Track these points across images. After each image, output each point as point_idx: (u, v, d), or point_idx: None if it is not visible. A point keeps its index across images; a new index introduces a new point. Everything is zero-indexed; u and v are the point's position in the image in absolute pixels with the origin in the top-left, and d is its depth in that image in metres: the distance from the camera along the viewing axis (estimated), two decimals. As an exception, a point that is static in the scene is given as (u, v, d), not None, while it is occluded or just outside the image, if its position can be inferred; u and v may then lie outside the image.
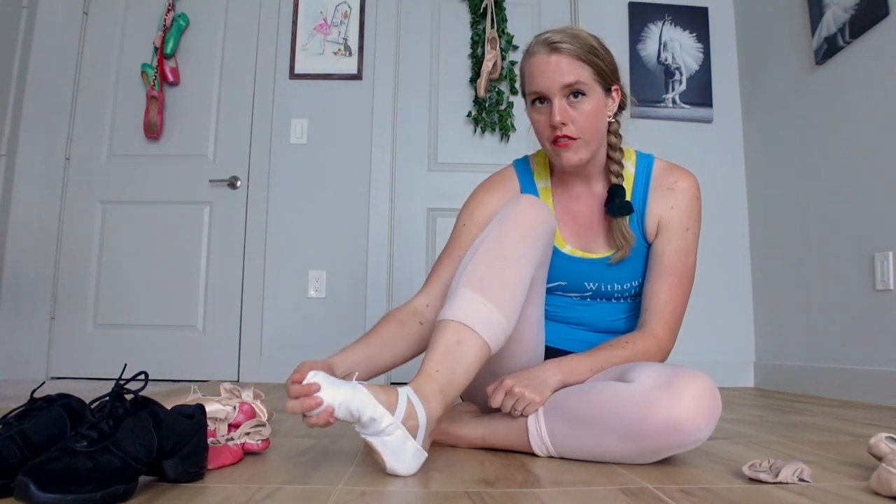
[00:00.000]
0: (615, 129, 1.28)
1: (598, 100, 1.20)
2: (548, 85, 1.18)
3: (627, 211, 1.23)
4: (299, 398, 0.91)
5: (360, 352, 1.16)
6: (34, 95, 3.14)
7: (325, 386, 0.91)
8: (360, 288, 3.04)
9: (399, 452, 0.94)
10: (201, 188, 3.13)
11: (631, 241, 1.24)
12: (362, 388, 0.93)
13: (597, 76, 1.19)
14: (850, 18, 2.40)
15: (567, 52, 1.17)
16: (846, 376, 2.40)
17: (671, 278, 1.23)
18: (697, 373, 0.99)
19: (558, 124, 1.18)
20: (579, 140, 1.19)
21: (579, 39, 1.19)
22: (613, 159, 1.27)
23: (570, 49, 1.17)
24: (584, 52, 1.18)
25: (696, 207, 1.27)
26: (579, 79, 1.17)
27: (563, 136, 1.19)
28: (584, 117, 1.18)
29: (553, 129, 1.19)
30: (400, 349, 1.21)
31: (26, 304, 3.02)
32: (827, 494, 0.87)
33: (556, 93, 1.18)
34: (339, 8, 3.22)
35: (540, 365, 1.16)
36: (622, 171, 1.27)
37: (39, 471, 0.70)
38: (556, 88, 1.17)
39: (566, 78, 1.17)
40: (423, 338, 1.22)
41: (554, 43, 1.18)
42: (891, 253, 2.22)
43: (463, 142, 3.18)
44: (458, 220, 1.34)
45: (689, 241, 1.25)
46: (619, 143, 1.28)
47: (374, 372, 1.19)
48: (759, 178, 3.08)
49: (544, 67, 1.18)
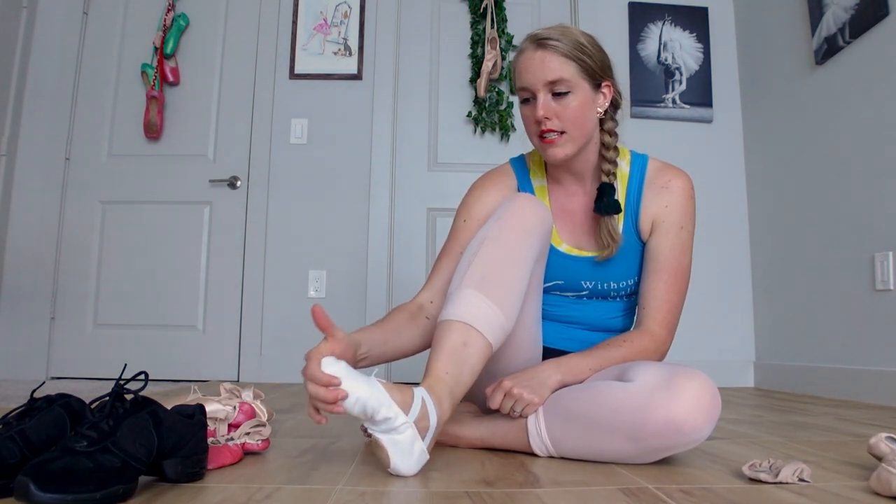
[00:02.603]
0: (610, 129, 1.28)
1: (584, 96, 1.20)
2: (532, 81, 1.20)
3: (615, 210, 1.23)
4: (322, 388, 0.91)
5: (378, 335, 1.16)
6: (34, 95, 3.14)
7: (344, 378, 0.91)
8: (360, 288, 3.04)
9: (407, 452, 0.94)
10: (201, 188, 3.13)
11: (618, 241, 1.24)
12: (379, 385, 0.93)
13: (583, 73, 1.20)
14: (850, 18, 2.40)
15: (553, 49, 1.18)
16: (846, 376, 2.40)
17: (667, 276, 1.24)
18: (697, 372, 0.99)
19: (542, 119, 1.19)
20: (565, 135, 1.20)
21: (567, 36, 1.20)
22: (606, 158, 1.27)
23: (557, 45, 1.18)
24: (571, 49, 1.19)
25: (690, 206, 1.27)
26: (563, 76, 1.18)
27: (548, 132, 1.20)
28: (569, 112, 1.19)
29: (538, 125, 1.20)
30: (410, 340, 1.22)
31: (26, 304, 3.02)
32: (827, 494, 0.87)
33: (541, 88, 1.19)
34: (339, 8, 3.22)
35: (538, 365, 1.16)
36: (616, 170, 1.28)
37: (39, 471, 0.70)
38: (540, 84, 1.19)
39: (549, 74, 1.18)
40: (430, 333, 1.22)
41: (541, 39, 1.19)
42: (891, 253, 2.22)
43: (463, 142, 3.18)
44: (457, 216, 1.34)
45: (685, 239, 1.26)
46: (615, 143, 1.28)
47: (387, 357, 1.19)
48: (759, 178, 3.08)
49: (529, 63, 1.20)
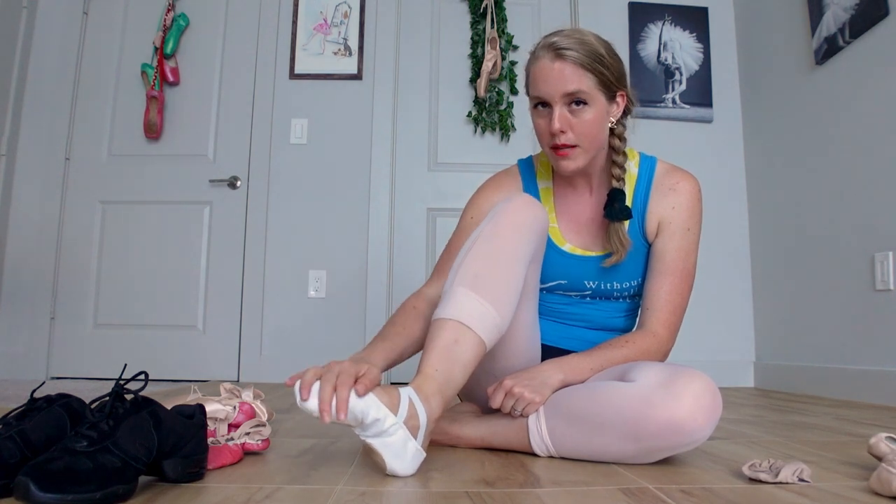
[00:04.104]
0: (620, 133, 1.28)
1: (599, 108, 1.20)
2: (549, 92, 1.18)
3: (626, 216, 1.23)
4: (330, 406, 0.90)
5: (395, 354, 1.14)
6: (34, 95, 3.14)
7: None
8: (360, 288, 3.04)
9: (400, 453, 0.94)
10: (201, 188, 3.13)
11: (627, 247, 1.24)
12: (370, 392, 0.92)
13: (600, 85, 1.19)
14: (850, 18, 2.40)
15: (571, 60, 1.16)
16: (846, 376, 2.40)
17: (672, 277, 1.24)
18: (698, 373, 0.99)
19: (557, 132, 1.18)
20: (578, 148, 1.20)
21: (586, 46, 1.17)
22: (616, 163, 1.26)
23: (575, 57, 1.16)
24: (590, 61, 1.17)
25: (697, 209, 1.27)
26: (581, 87, 1.17)
27: (561, 146, 1.19)
28: (585, 125, 1.19)
29: (552, 136, 1.20)
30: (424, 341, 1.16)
31: (26, 304, 3.02)
32: (827, 494, 0.87)
33: (558, 100, 1.18)
34: (339, 8, 3.22)
35: (539, 365, 1.16)
36: (624, 175, 1.27)
37: (39, 471, 0.70)
38: (558, 96, 1.17)
39: (568, 87, 1.16)
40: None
41: (560, 49, 1.17)
42: (891, 253, 2.22)
43: (463, 142, 3.18)
44: (464, 213, 1.35)
45: (691, 241, 1.26)
46: (624, 147, 1.28)
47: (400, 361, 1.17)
48: (759, 178, 3.08)
49: (548, 74, 1.18)
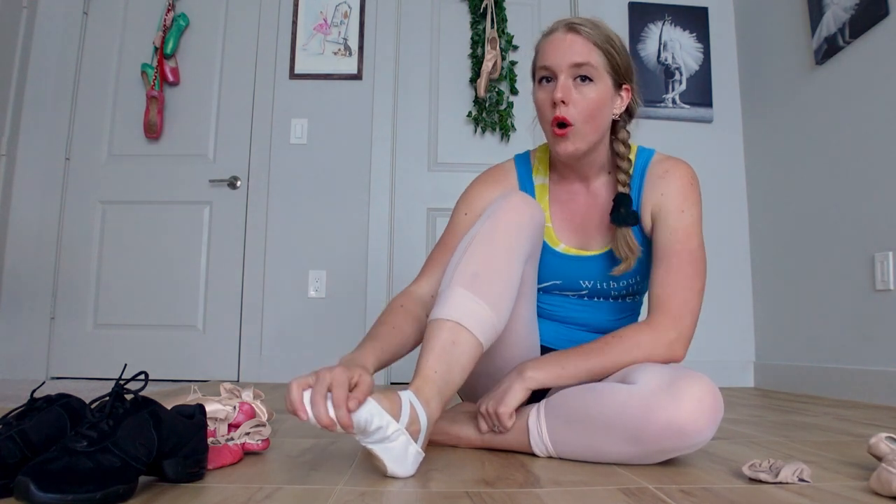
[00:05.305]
0: (624, 139, 1.25)
1: (604, 90, 1.19)
2: (557, 60, 1.17)
3: (632, 221, 1.19)
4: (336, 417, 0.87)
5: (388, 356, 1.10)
6: (34, 95, 3.14)
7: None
8: (360, 288, 3.04)
9: (401, 457, 0.93)
10: (201, 188, 3.12)
11: (636, 253, 1.20)
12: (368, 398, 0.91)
13: (608, 66, 1.19)
14: (850, 18, 2.40)
15: (584, 34, 1.17)
16: (846, 376, 2.40)
17: (668, 261, 1.17)
18: (699, 375, 0.99)
19: (558, 100, 1.16)
20: (574, 128, 1.17)
21: (599, 28, 1.20)
22: (621, 168, 1.24)
23: (588, 32, 1.18)
24: (602, 40, 1.18)
25: (690, 191, 1.21)
26: (589, 61, 1.17)
27: (560, 120, 1.16)
28: (586, 103, 1.17)
29: (553, 108, 1.17)
30: (416, 341, 1.17)
31: (26, 304, 3.02)
32: (827, 494, 0.87)
33: (564, 70, 1.17)
34: (339, 8, 3.22)
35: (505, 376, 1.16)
36: (630, 180, 1.24)
37: (39, 471, 0.70)
38: (565, 65, 1.17)
39: (577, 57, 1.16)
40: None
41: (574, 24, 1.19)
42: (891, 253, 2.22)
43: (463, 142, 3.18)
44: (456, 209, 1.31)
45: (687, 222, 1.18)
46: (628, 153, 1.25)
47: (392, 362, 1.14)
48: (759, 178, 3.08)
49: (558, 44, 1.18)
